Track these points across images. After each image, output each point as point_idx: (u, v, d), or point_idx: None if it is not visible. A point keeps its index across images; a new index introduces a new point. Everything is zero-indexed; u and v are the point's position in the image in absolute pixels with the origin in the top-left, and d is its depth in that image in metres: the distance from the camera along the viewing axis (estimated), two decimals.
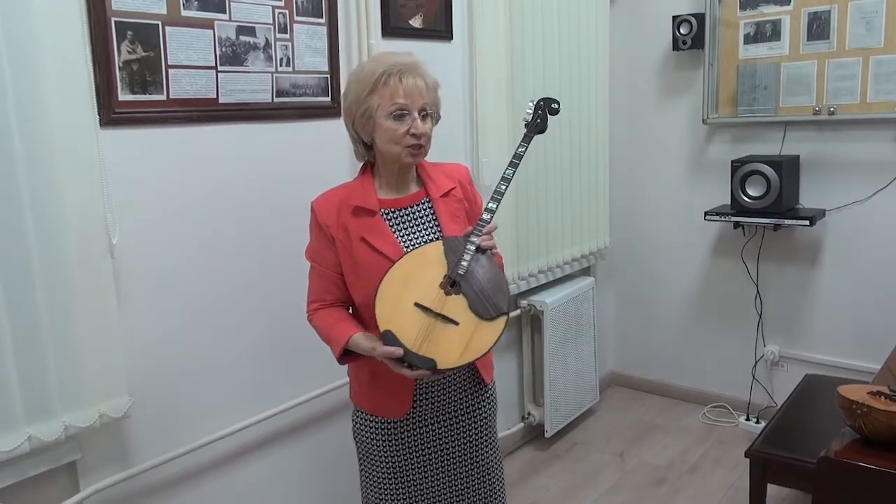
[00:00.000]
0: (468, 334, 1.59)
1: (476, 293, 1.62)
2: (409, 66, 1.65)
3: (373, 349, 1.61)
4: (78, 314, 1.78)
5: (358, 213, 1.69)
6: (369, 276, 1.64)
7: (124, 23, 1.87)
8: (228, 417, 2.23)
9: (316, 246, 1.74)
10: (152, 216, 2.00)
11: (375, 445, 1.78)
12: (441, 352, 1.57)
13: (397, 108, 1.63)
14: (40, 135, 1.69)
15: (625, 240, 4.01)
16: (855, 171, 3.25)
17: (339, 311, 1.75)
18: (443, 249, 1.65)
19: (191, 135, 2.06)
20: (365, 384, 1.78)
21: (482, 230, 1.67)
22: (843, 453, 1.59)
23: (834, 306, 3.40)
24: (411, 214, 1.74)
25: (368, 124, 1.66)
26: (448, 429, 1.80)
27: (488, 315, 1.61)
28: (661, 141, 3.81)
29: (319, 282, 1.75)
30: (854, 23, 3.12)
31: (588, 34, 3.49)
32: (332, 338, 1.70)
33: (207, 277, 2.14)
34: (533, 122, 1.79)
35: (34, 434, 1.73)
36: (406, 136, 1.64)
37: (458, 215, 1.80)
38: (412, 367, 1.57)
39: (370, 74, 1.64)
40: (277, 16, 2.22)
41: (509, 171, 1.72)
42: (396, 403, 1.74)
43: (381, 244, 1.67)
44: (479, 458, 1.84)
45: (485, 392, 1.85)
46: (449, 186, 1.80)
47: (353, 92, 1.67)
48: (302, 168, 2.35)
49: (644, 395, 4.03)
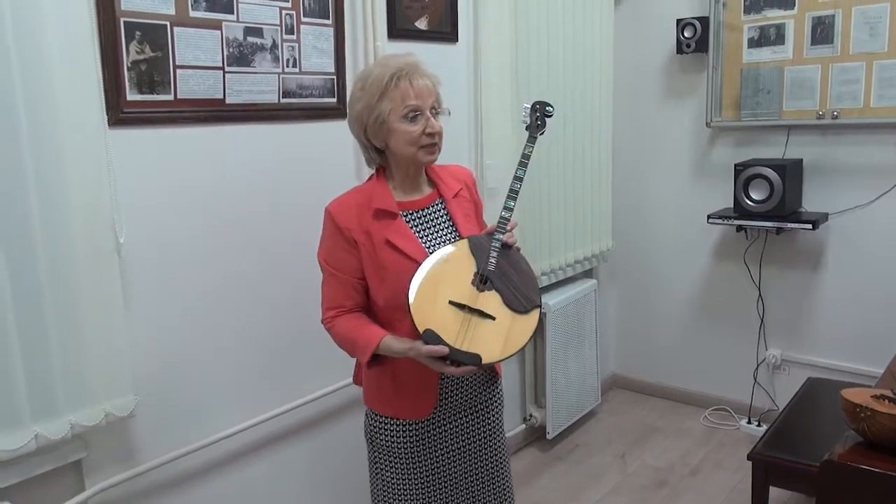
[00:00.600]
0: (506, 328, 1.61)
1: (508, 288, 1.66)
2: (414, 66, 1.66)
3: (408, 349, 1.61)
4: (84, 313, 1.79)
5: (379, 216, 1.68)
6: (396, 279, 1.64)
7: (133, 23, 1.88)
8: (233, 416, 2.23)
9: (333, 250, 1.71)
10: (159, 216, 2.01)
11: (396, 447, 1.78)
12: (483, 346, 1.58)
13: (410, 109, 1.64)
14: (49, 134, 1.70)
15: (627, 242, 4.01)
16: (858, 175, 3.26)
17: (359, 316, 1.72)
18: (469, 248, 1.68)
19: (198, 135, 2.07)
20: (387, 388, 1.76)
21: (505, 227, 1.70)
22: (847, 456, 1.59)
23: (836, 310, 3.40)
24: (428, 215, 1.76)
25: (382, 129, 1.66)
26: (465, 424, 1.82)
27: (522, 308, 1.65)
28: (664, 144, 3.81)
29: (338, 287, 1.71)
30: (858, 27, 3.13)
31: (592, 37, 3.50)
32: (360, 342, 1.67)
33: (213, 277, 2.15)
34: (533, 124, 1.83)
35: (41, 433, 1.74)
36: (422, 136, 1.65)
37: (470, 215, 1.82)
38: (455, 363, 1.57)
39: (378, 79, 1.64)
40: (284, 17, 2.23)
41: (521, 171, 1.76)
42: (421, 404, 1.75)
43: (406, 246, 1.67)
44: (491, 450, 1.87)
45: (497, 386, 1.89)
46: (457, 187, 1.82)
47: (361, 100, 1.67)
48: (308, 168, 2.36)
49: (646, 398, 4.04)
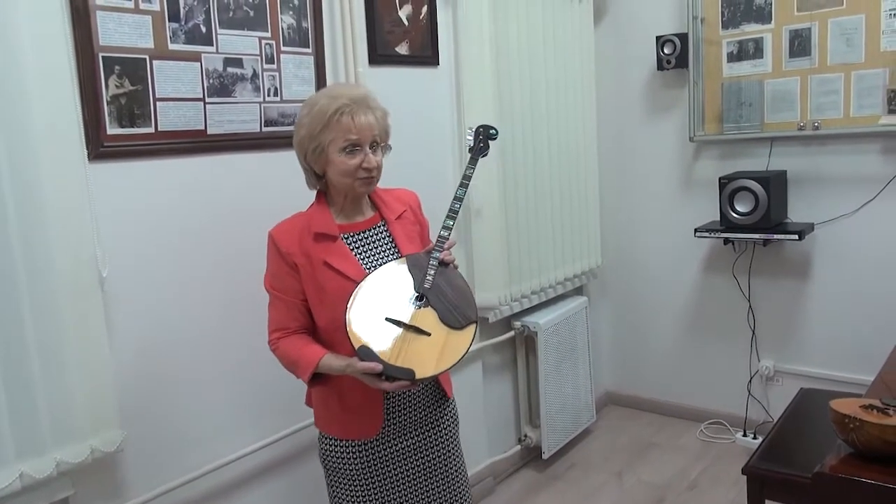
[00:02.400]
0: (441, 344, 1.65)
1: (445, 305, 1.69)
2: (360, 101, 1.70)
3: (347, 367, 1.65)
4: (68, 348, 1.78)
5: (319, 239, 1.73)
6: (334, 299, 1.68)
7: (112, 58, 1.89)
8: (223, 447, 2.21)
9: (277, 274, 1.75)
10: (142, 248, 2.00)
11: (348, 468, 1.80)
12: (417, 362, 1.61)
13: (349, 143, 1.68)
14: (28, 169, 1.70)
15: (616, 258, 4.02)
16: (841, 184, 3.28)
17: (302, 337, 1.76)
18: (407, 266, 1.72)
19: (179, 166, 2.07)
20: (334, 408, 1.79)
21: (443, 245, 1.74)
22: (838, 468, 1.58)
23: (826, 319, 3.41)
24: (369, 238, 1.80)
25: (321, 158, 1.71)
26: (416, 443, 1.84)
27: (458, 324, 1.68)
28: (649, 159, 3.83)
29: (283, 310, 1.76)
30: (834, 39, 3.17)
31: (573, 56, 3.53)
32: (302, 362, 1.71)
33: (198, 309, 2.14)
34: (476, 147, 1.89)
35: (25, 471, 1.72)
36: (359, 169, 1.70)
37: (414, 236, 1.87)
38: (390, 379, 1.60)
39: (323, 111, 1.67)
40: (264, 47, 2.25)
41: (461, 191, 1.81)
42: (368, 423, 1.77)
43: (344, 267, 1.71)
44: (446, 468, 1.89)
45: (447, 405, 1.91)
46: (401, 209, 1.87)
47: (305, 127, 1.71)
48: (292, 196, 2.35)
49: (641, 414, 4.02)
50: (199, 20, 2.07)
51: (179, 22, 2.03)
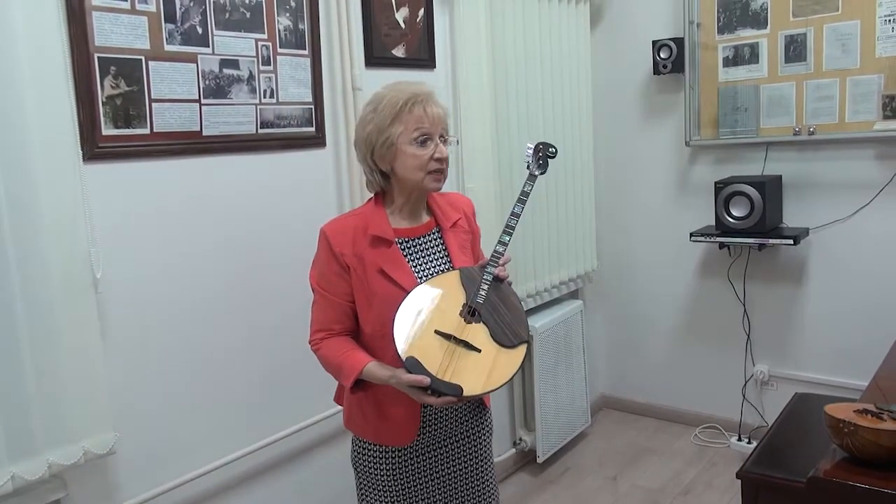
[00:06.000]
0: (491, 361, 1.59)
1: (497, 321, 1.64)
2: (429, 94, 1.68)
3: (391, 377, 1.59)
4: (61, 350, 1.77)
5: (375, 243, 1.68)
6: (384, 307, 1.63)
7: (107, 58, 1.88)
8: (217, 450, 2.20)
9: (326, 273, 1.70)
10: (137, 250, 1.99)
11: (379, 474, 1.76)
12: (466, 379, 1.56)
13: (421, 133, 1.64)
14: (23, 170, 1.69)
15: (612, 262, 4.02)
16: (837, 189, 3.29)
17: (346, 340, 1.71)
18: (460, 279, 1.67)
19: (175, 168, 2.06)
20: (369, 414, 1.74)
21: (498, 261, 1.69)
22: (832, 472, 1.59)
23: (821, 324, 3.41)
24: (423, 244, 1.75)
25: (390, 152, 1.66)
26: (450, 454, 1.79)
27: (510, 343, 1.63)
28: (645, 163, 3.84)
29: (328, 310, 1.70)
30: (830, 45, 3.18)
31: (570, 60, 3.54)
32: (345, 368, 1.66)
33: (192, 310, 2.13)
34: (535, 164, 1.82)
35: (17, 473, 1.71)
36: (430, 161, 1.65)
37: (466, 246, 1.81)
38: (436, 394, 1.55)
39: (392, 103, 1.64)
40: (261, 48, 2.24)
41: (518, 208, 1.74)
42: (403, 432, 1.72)
43: (398, 275, 1.66)
44: (479, 481, 1.84)
45: (485, 416, 1.87)
46: (456, 217, 1.81)
47: (372, 122, 1.66)
48: (287, 198, 2.36)
49: (635, 418, 4.02)
50: (196, 21, 2.07)
51: (175, 23, 2.02)
